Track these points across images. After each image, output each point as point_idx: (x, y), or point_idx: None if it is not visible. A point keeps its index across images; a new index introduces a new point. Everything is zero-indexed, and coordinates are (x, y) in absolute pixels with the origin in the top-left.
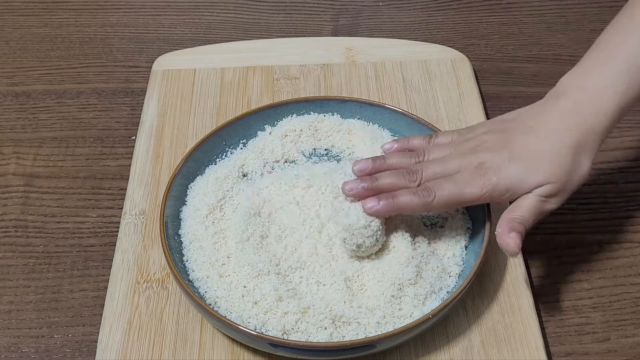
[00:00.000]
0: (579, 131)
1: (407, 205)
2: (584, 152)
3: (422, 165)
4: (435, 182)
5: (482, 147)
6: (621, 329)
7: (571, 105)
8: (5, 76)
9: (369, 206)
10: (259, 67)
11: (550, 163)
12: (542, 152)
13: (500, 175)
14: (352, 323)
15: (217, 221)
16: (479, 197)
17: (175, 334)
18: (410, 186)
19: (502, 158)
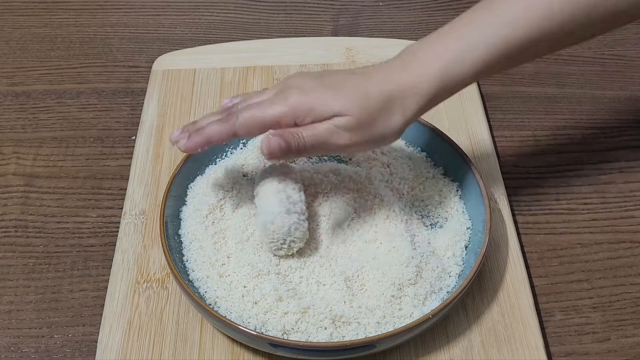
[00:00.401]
0: (396, 84)
1: (213, 133)
2: (396, 105)
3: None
4: (240, 110)
5: (296, 79)
6: (621, 329)
7: (400, 63)
8: (5, 76)
9: (181, 144)
10: (259, 67)
11: (356, 97)
12: (354, 87)
13: (303, 95)
14: (352, 323)
15: (217, 221)
16: (280, 114)
17: (175, 334)
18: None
19: (311, 83)
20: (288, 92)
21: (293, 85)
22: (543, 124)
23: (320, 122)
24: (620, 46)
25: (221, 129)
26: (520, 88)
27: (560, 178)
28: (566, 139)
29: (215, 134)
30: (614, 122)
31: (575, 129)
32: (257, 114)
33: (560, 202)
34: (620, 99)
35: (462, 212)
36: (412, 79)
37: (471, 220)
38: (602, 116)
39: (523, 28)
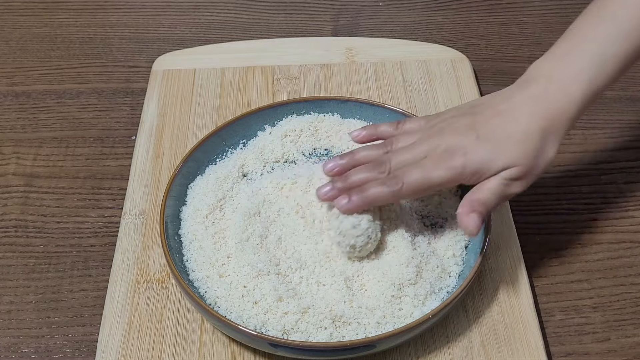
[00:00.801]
0: (547, 117)
1: (377, 196)
2: (551, 138)
3: (391, 154)
4: (403, 169)
5: (449, 129)
6: (621, 329)
7: (539, 92)
8: (5, 76)
9: (340, 204)
10: (259, 67)
11: (517, 146)
12: (509, 135)
13: (467, 157)
14: (352, 323)
15: (217, 221)
16: (447, 180)
17: (175, 334)
18: (381, 177)
19: (469, 140)
20: (449, 152)
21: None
22: None
23: (488, 178)
24: None
25: (385, 194)
26: None
27: (560, 178)
28: (566, 139)
29: (378, 198)
30: (614, 122)
31: (575, 129)
32: (425, 179)
33: (560, 202)
34: (620, 99)
35: None
36: (557, 107)
37: None
38: (602, 116)
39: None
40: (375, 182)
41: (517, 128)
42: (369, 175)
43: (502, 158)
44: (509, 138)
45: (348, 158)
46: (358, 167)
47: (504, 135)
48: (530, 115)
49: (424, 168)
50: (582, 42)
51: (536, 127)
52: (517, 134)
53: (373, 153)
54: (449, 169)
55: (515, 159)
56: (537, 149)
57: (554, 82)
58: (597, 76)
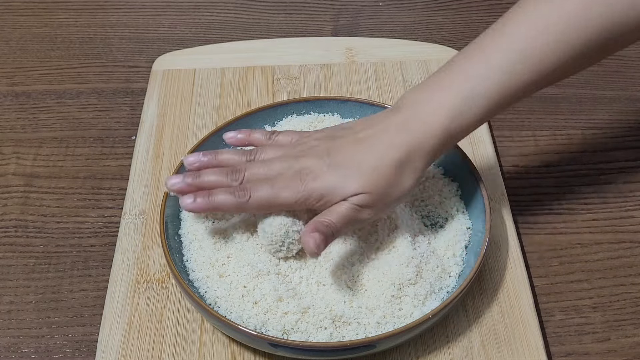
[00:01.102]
0: (405, 148)
1: (222, 204)
2: (407, 169)
3: (248, 164)
4: (254, 183)
5: (307, 152)
6: (621, 329)
7: (402, 121)
8: (5, 76)
9: (185, 203)
10: (259, 67)
11: (368, 174)
12: (362, 163)
13: (316, 182)
14: (352, 323)
15: (217, 221)
16: (293, 202)
17: (175, 334)
18: (232, 185)
19: (322, 165)
20: (301, 174)
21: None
22: (543, 124)
23: (337, 203)
24: None
25: (230, 203)
26: None
27: (560, 178)
28: (566, 139)
29: (223, 206)
30: (614, 122)
31: (575, 129)
32: (271, 197)
33: (560, 202)
34: (620, 99)
35: (462, 212)
36: (417, 139)
37: (471, 220)
38: (602, 116)
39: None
40: (224, 190)
41: (370, 157)
42: (220, 180)
43: (350, 185)
44: (361, 166)
45: (210, 157)
46: (212, 169)
47: (356, 162)
48: (388, 145)
49: (273, 186)
50: (453, 77)
51: (391, 158)
52: (368, 163)
53: (235, 158)
54: (297, 191)
55: (364, 187)
56: (389, 179)
57: (417, 113)
58: (462, 113)
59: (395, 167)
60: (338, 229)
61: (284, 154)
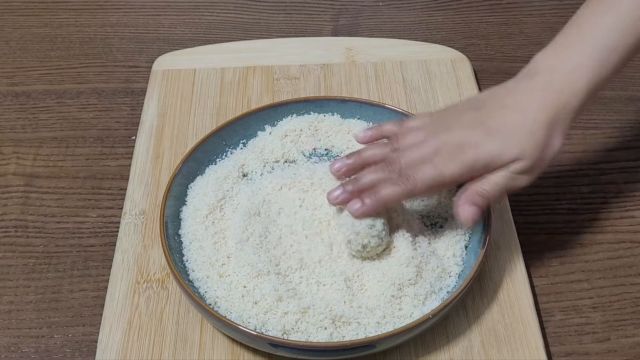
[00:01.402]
0: (552, 108)
1: (392, 197)
2: (556, 129)
3: (399, 153)
4: (415, 168)
5: (457, 125)
6: (621, 329)
7: (543, 84)
8: (5, 76)
9: (354, 209)
10: (259, 67)
11: (526, 138)
12: (517, 127)
13: (478, 151)
14: (352, 323)
15: (217, 221)
16: (459, 175)
17: (175, 334)
18: (392, 177)
19: (478, 134)
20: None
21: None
22: None
23: (493, 171)
24: None
25: (399, 193)
26: None
27: (560, 178)
28: (566, 138)
29: (392, 198)
30: (614, 122)
31: (575, 129)
32: (437, 176)
33: (560, 202)
34: (620, 99)
35: None
36: (563, 100)
37: None
38: (602, 116)
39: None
40: (387, 182)
41: (524, 120)
42: (380, 176)
43: (512, 150)
44: (518, 130)
45: (355, 157)
46: (368, 169)
47: (512, 127)
48: (536, 107)
49: (435, 165)
50: (585, 34)
51: (543, 119)
52: (525, 125)
53: (380, 152)
54: (461, 163)
55: (524, 151)
56: (544, 141)
57: (558, 74)
58: (601, 68)
59: (547, 128)
60: (497, 199)
61: (432, 133)
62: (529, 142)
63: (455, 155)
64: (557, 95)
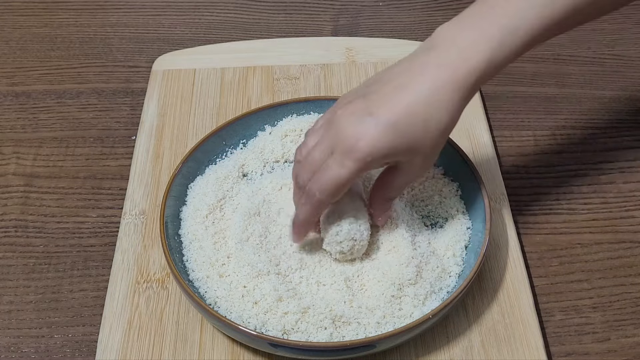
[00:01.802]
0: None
1: (306, 218)
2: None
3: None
4: (313, 179)
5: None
6: (621, 329)
7: (439, 59)
8: (5, 76)
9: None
10: (259, 67)
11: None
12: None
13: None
14: (352, 323)
15: (217, 221)
16: (357, 172)
17: (175, 334)
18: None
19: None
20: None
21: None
22: (543, 124)
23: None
24: (620, 46)
25: (309, 212)
26: (520, 88)
27: (560, 178)
28: (566, 139)
29: (306, 220)
30: (614, 122)
31: (575, 129)
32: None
33: (560, 202)
34: (620, 99)
35: (462, 212)
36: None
37: (471, 220)
38: (602, 116)
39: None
40: (299, 208)
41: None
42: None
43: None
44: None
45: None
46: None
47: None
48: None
49: (330, 170)
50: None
51: (435, 100)
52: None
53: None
54: (355, 161)
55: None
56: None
57: (455, 49)
58: (500, 48)
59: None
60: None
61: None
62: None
63: (347, 154)
64: (451, 72)
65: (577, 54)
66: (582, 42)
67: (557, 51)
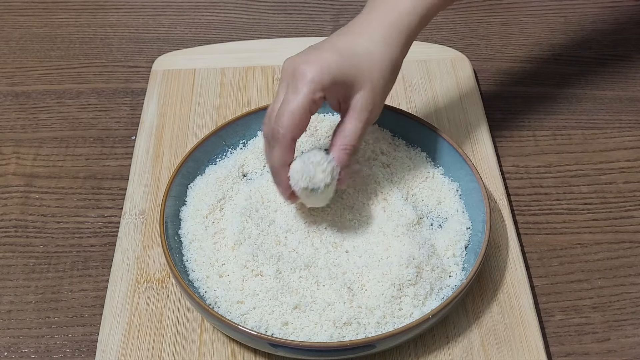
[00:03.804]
0: (387, 26)
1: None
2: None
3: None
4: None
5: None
6: (621, 329)
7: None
8: (5, 76)
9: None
10: (259, 67)
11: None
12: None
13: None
14: (352, 323)
15: (217, 221)
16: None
17: (175, 334)
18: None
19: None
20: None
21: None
22: (543, 124)
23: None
24: (620, 47)
25: (276, 150)
26: (520, 88)
27: (560, 178)
28: (566, 139)
29: (277, 157)
30: (614, 122)
31: (575, 129)
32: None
33: (560, 202)
34: (620, 99)
35: (462, 212)
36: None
37: (471, 220)
38: (602, 116)
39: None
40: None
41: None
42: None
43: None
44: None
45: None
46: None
47: (349, 43)
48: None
49: (286, 103)
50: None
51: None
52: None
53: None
54: (307, 84)
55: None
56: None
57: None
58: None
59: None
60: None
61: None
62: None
63: (298, 82)
64: (390, 14)
65: (577, 54)
66: (582, 43)
67: (558, 51)
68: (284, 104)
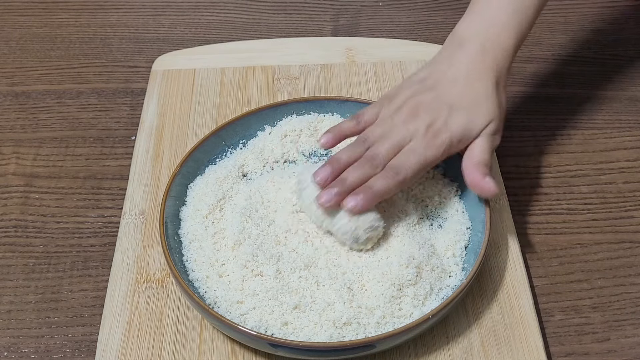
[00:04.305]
0: (493, 71)
1: (385, 189)
2: (501, 88)
3: (376, 148)
4: (397, 158)
5: (420, 109)
6: (621, 329)
7: (478, 50)
8: (5, 76)
9: (350, 206)
10: (259, 67)
11: (486, 104)
12: (476, 97)
13: (451, 129)
14: (352, 323)
15: (217, 221)
16: (441, 155)
17: (175, 334)
18: (377, 172)
19: (445, 113)
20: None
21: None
22: (543, 124)
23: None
24: (620, 46)
25: (391, 186)
26: (520, 88)
27: (560, 178)
28: (566, 139)
29: (385, 191)
30: (614, 122)
31: (575, 129)
32: (422, 161)
33: (560, 202)
34: (620, 99)
35: (462, 212)
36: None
37: (471, 220)
38: (602, 116)
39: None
40: (378, 177)
41: (478, 89)
42: (365, 172)
43: (480, 119)
44: (477, 99)
45: (334, 164)
46: (352, 168)
47: (471, 98)
48: (481, 74)
49: (415, 152)
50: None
51: (491, 83)
52: (479, 94)
53: (355, 151)
54: (440, 145)
55: (490, 116)
56: (498, 100)
57: (488, 39)
58: (521, 26)
59: (496, 89)
60: (489, 161)
61: (397, 121)
62: (490, 106)
63: (432, 139)
64: (493, 59)
65: (577, 54)
66: (582, 42)
67: (558, 51)
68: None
